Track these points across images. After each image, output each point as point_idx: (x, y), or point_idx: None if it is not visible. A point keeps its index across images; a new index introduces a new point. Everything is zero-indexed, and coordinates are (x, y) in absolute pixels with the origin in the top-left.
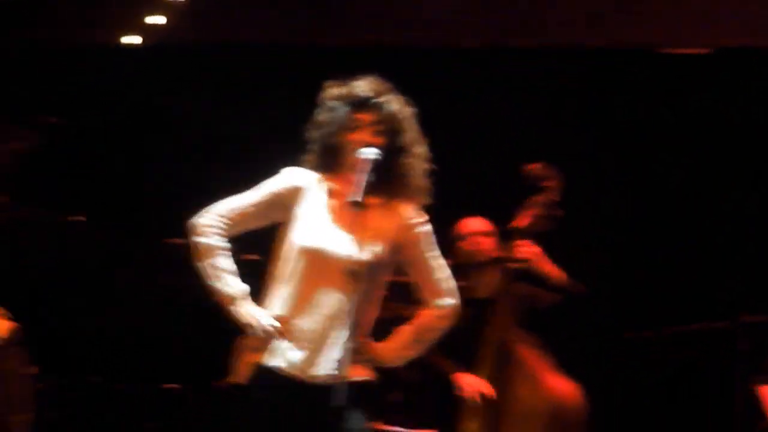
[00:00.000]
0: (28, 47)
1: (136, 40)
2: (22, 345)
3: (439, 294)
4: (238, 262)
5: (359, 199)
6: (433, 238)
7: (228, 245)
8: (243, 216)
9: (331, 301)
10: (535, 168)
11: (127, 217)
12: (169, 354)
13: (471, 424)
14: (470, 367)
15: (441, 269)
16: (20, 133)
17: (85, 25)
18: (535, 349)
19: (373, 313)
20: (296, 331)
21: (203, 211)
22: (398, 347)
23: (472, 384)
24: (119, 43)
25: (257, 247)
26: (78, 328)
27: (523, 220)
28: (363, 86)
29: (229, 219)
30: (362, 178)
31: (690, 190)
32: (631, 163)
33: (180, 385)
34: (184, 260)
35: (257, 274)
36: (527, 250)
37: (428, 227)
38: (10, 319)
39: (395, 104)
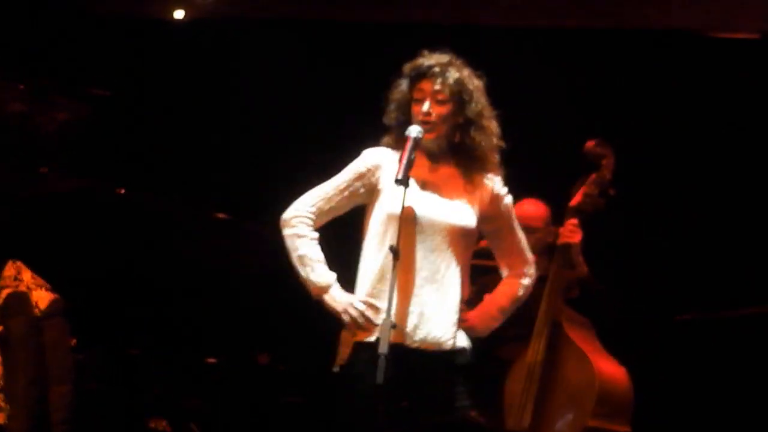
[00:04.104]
0: (78, 19)
1: (180, 14)
2: (62, 316)
3: (523, 264)
4: None
5: (400, 177)
6: (513, 209)
7: (316, 234)
8: (328, 202)
9: (419, 264)
10: (591, 145)
11: (173, 190)
12: (209, 327)
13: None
14: (523, 345)
15: (523, 240)
16: (68, 105)
17: None
18: (586, 330)
19: (464, 282)
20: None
21: (292, 204)
22: (486, 317)
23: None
24: (167, 17)
25: None
26: (118, 300)
27: (575, 199)
28: (426, 57)
29: (316, 208)
30: (405, 157)
31: (735, 174)
32: (679, 146)
33: (219, 358)
34: (228, 235)
35: None
36: (569, 233)
37: (511, 198)
38: (49, 290)
39: (459, 74)
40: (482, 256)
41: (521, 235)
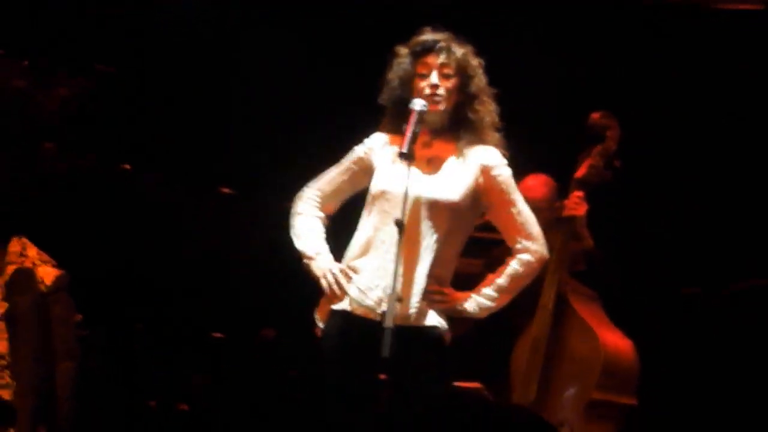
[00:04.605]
0: None
1: None
2: (67, 292)
3: (525, 239)
4: None
5: (406, 150)
6: (514, 183)
7: (316, 212)
8: (330, 184)
9: (390, 238)
10: (596, 117)
11: (176, 166)
12: (214, 303)
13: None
14: (528, 319)
15: (523, 214)
16: (68, 81)
17: None
18: (592, 303)
19: (452, 261)
20: (366, 272)
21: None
22: (480, 296)
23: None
24: None
25: None
26: (123, 276)
27: (580, 171)
28: (427, 34)
29: (319, 190)
30: (409, 130)
31: (742, 145)
32: (681, 118)
33: (224, 334)
34: (233, 210)
35: None
36: (574, 206)
37: (509, 171)
38: (55, 266)
39: (464, 49)
40: (486, 229)
41: (522, 208)
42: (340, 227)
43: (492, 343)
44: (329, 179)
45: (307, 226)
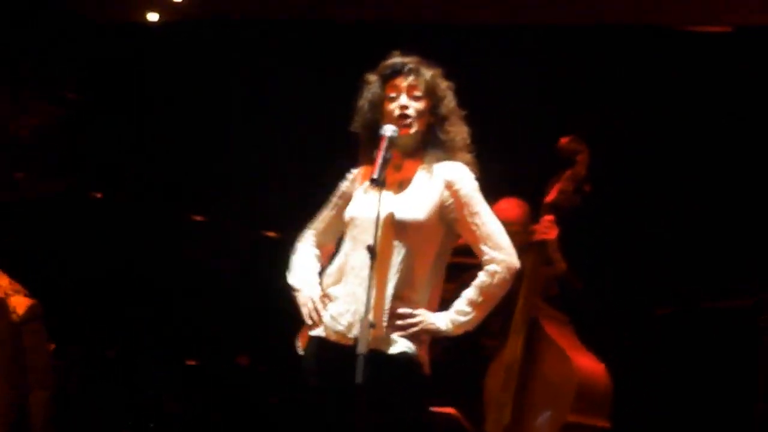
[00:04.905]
0: (52, 23)
1: (154, 17)
2: (40, 321)
3: (491, 249)
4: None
5: (377, 176)
6: (479, 196)
7: (313, 249)
8: (323, 222)
9: (364, 263)
10: (565, 141)
11: (149, 192)
12: (190, 329)
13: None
14: (501, 343)
15: (489, 225)
16: (40, 108)
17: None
18: (564, 327)
19: (425, 283)
20: (339, 299)
21: None
22: (455, 314)
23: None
24: (139, 20)
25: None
26: (97, 303)
27: (550, 195)
28: (395, 57)
29: (315, 229)
30: (380, 156)
31: (712, 168)
32: (652, 140)
33: (199, 361)
34: (206, 237)
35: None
36: (544, 230)
37: (473, 184)
38: (27, 295)
39: (432, 71)
40: (462, 253)
41: (486, 219)
42: None
43: (465, 367)
44: (321, 218)
45: (299, 263)
